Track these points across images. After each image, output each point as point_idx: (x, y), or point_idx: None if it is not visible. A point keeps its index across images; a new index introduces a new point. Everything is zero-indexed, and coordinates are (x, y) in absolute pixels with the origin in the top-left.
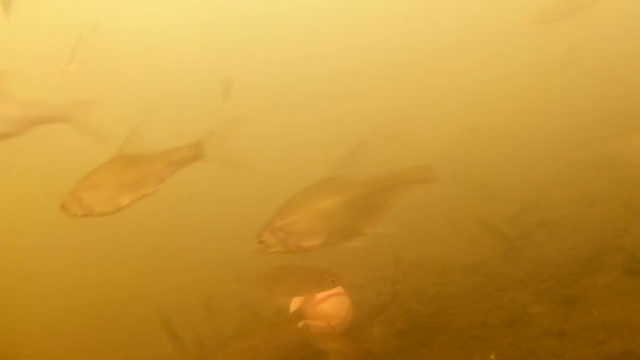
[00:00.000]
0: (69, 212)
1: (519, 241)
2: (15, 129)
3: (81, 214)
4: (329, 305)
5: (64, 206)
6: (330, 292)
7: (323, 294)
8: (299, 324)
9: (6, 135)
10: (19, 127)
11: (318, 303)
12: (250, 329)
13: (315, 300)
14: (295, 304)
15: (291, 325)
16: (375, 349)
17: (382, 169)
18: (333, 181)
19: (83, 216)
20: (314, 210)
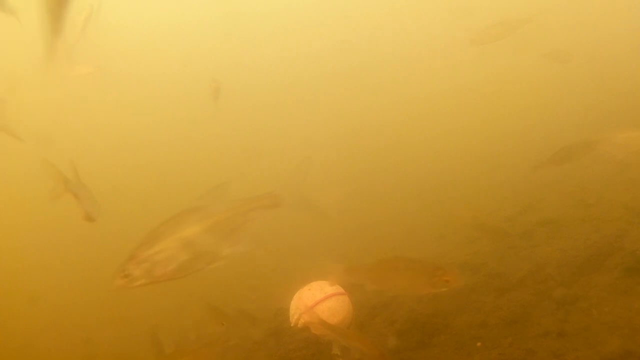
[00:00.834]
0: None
1: (519, 241)
2: None
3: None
4: (329, 305)
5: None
6: (330, 292)
7: (323, 294)
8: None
9: None
10: None
11: (318, 303)
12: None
13: (315, 300)
14: (295, 303)
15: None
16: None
17: (238, 197)
18: (193, 210)
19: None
20: (177, 238)
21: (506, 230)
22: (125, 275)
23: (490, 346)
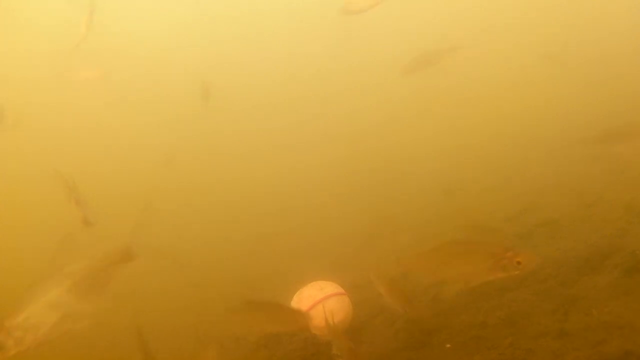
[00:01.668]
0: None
1: (519, 241)
2: None
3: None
4: (329, 305)
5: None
6: (329, 292)
7: (323, 294)
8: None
9: None
10: None
11: (318, 303)
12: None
13: (315, 300)
14: (295, 303)
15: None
16: (376, 349)
17: (90, 253)
18: (52, 275)
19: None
20: (42, 303)
21: (506, 231)
22: None
23: (490, 346)
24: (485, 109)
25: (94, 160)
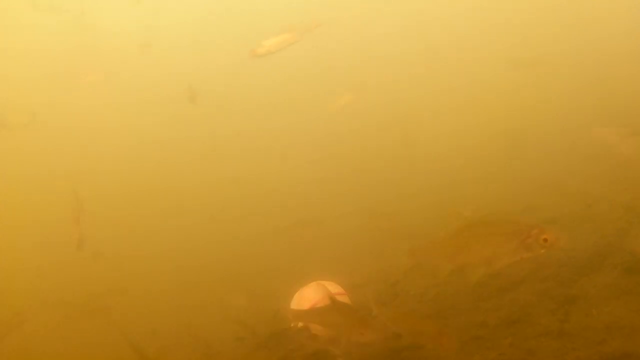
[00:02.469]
0: None
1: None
2: None
3: None
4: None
5: None
6: (330, 292)
7: (322, 294)
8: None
9: None
10: None
11: (317, 303)
12: None
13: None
14: (295, 303)
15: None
16: (376, 349)
17: None
18: None
19: None
20: None
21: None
22: None
23: (490, 346)
24: (485, 108)
25: (93, 160)
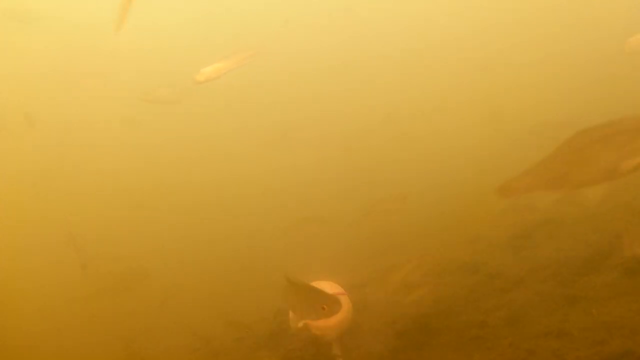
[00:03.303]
0: None
1: (519, 241)
2: None
3: None
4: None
5: None
6: (330, 292)
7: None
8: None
9: None
10: None
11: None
12: None
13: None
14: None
15: None
16: (376, 349)
17: None
18: None
19: None
20: None
21: (506, 230)
22: None
23: (490, 346)
24: (485, 108)
25: (96, 160)
